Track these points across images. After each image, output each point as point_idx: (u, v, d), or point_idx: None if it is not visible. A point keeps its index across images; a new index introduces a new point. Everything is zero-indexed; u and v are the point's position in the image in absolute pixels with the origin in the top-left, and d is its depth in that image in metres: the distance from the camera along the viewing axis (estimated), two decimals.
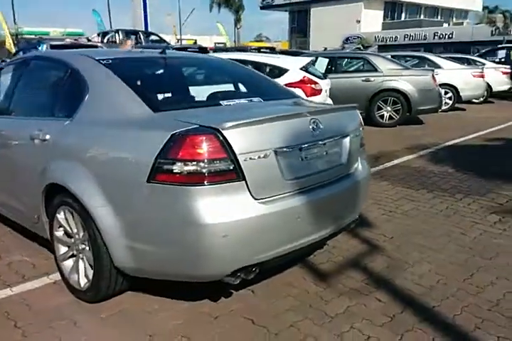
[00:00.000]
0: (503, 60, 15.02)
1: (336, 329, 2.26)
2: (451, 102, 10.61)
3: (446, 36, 28.78)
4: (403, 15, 37.68)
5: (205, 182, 1.97)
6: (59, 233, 2.63)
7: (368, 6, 33.65)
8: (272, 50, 13.30)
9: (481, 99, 12.49)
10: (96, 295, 2.43)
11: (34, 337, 2.23)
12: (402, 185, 4.76)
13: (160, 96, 2.58)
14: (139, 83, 2.50)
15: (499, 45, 17.37)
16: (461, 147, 6.93)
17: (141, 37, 16.20)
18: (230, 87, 3.12)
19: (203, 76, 3.26)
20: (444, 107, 9.63)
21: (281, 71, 6.42)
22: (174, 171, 1.98)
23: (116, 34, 15.78)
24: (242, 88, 3.07)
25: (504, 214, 3.88)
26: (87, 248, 2.43)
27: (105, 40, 15.28)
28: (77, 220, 2.41)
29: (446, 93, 10.38)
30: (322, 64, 8.32)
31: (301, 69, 6.40)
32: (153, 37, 17.05)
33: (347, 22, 32.38)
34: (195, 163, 1.96)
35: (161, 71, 2.95)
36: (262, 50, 12.55)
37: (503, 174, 5.17)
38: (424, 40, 29.22)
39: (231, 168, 2.00)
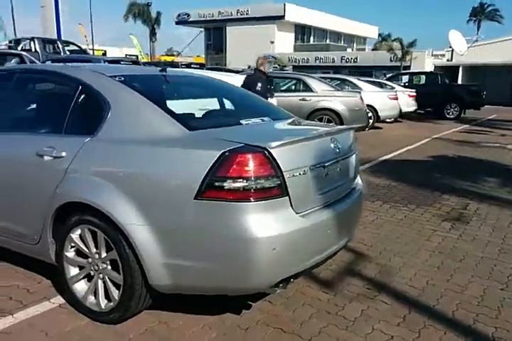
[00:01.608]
0: (406, 84, 16.76)
1: (360, 332, 2.45)
2: (371, 121, 11.59)
3: (352, 60, 31.23)
4: (312, 38, 40.19)
5: (256, 198, 2.06)
6: (70, 254, 2.51)
7: (280, 28, 35.42)
8: (202, 66, 13.47)
9: (393, 119, 13.78)
10: (122, 315, 2.36)
11: None
12: None
13: (188, 115, 2.61)
14: (163, 101, 2.51)
15: (403, 71, 19.40)
16: (394, 162, 7.64)
17: (60, 46, 15.35)
18: (236, 106, 3.21)
19: (211, 94, 3.29)
20: None
21: None
22: (225, 188, 2.04)
23: (32, 42, 14.78)
24: (246, 107, 3.19)
25: (454, 222, 4.41)
26: (109, 267, 2.37)
27: (19, 48, 14.22)
28: (101, 239, 2.34)
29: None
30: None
31: None
32: (71, 46, 16.23)
33: (262, 42, 33.65)
34: (246, 180, 2.04)
35: (174, 89, 2.95)
36: (192, 65, 12.67)
37: (438, 185, 5.83)
38: (333, 63, 31.37)
39: (278, 184, 2.12)
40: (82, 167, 2.38)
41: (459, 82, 27.20)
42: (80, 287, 2.51)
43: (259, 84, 7.11)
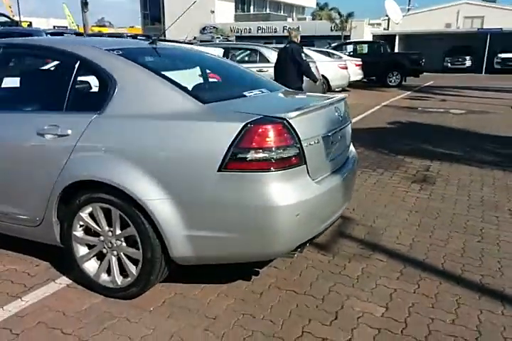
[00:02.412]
0: (351, 53, 17.11)
1: (366, 288, 2.63)
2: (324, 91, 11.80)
3: None
4: (252, 8, 39.48)
5: (279, 167, 2.11)
6: (79, 233, 2.45)
7: None
8: (148, 38, 12.90)
9: (341, 88, 14.10)
10: (141, 289, 2.38)
11: (95, 340, 2.12)
12: None
13: (196, 88, 2.55)
14: (169, 75, 2.44)
15: (348, 40, 19.73)
16: (352, 130, 7.88)
17: None
18: (230, 78, 3.17)
19: (203, 66, 3.20)
20: None
21: None
22: (248, 159, 2.08)
23: None
24: (240, 79, 3.16)
25: (422, 183, 4.72)
26: (124, 244, 2.36)
27: None
28: (116, 216, 2.31)
29: None
30: (218, 54, 8.50)
31: None
32: (1, 18, 14.88)
33: (202, 11, 32.55)
34: (268, 150, 2.08)
35: (169, 61, 2.86)
36: (138, 37, 12.15)
37: (398, 150, 6.15)
38: (275, 33, 31.15)
39: (297, 153, 2.18)
40: (91, 144, 2.30)
41: (396, 50, 28.10)
42: (91, 265, 2.48)
43: (303, 55, 7.11)
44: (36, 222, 2.53)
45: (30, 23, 33.55)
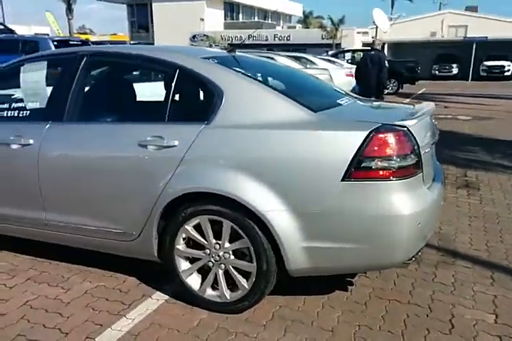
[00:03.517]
0: (349, 61, 17.31)
1: (466, 295, 2.61)
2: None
3: (285, 38, 31.44)
4: (240, 16, 39.68)
5: (401, 175, 2.08)
6: (182, 246, 2.38)
7: (210, 4, 34.42)
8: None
9: None
10: (253, 303, 2.33)
11: None
12: None
13: (300, 97, 2.51)
14: (271, 84, 2.42)
15: (346, 48, 19.97)
16: None
17: None
18: (316, 87, 3.13)
19: (293, 76, 3.16)
20: None
21: None
22: (372, 168, 2.05)
23: None
24: (319, 87, 3.13)
25: (466, 188, 4.75)
26: (232, 256, 2.30)
27: None
28: (227, 229, 2.25)
29: None
30: None
31: None
32: None
33: (191, 20, 32.61)
34: (392, 158, 2.06)
35: (256, 70, 2.82)
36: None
37: None
38: (266, 41, 31.30)
39: (417, 161, 2.16)
40: (201, 155, 2.24)
41: None
42: (194, 280, 2.41)
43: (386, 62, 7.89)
44: (132, 237, 2.45)
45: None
